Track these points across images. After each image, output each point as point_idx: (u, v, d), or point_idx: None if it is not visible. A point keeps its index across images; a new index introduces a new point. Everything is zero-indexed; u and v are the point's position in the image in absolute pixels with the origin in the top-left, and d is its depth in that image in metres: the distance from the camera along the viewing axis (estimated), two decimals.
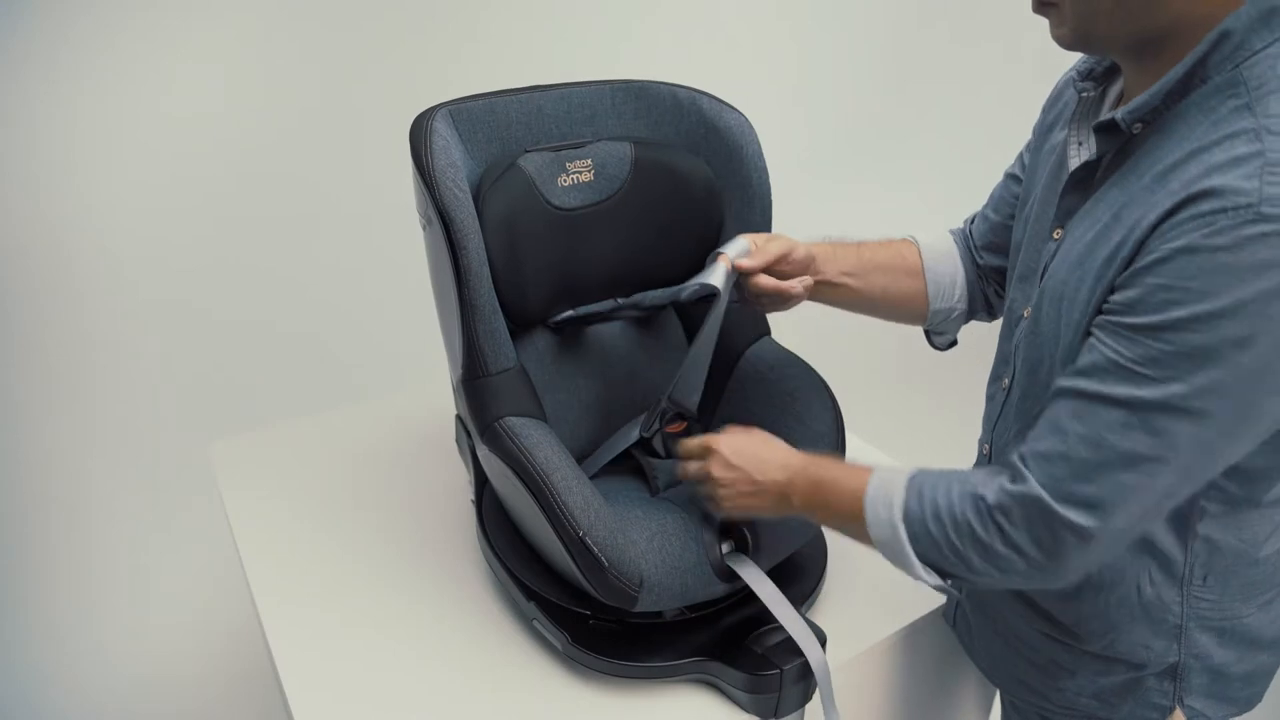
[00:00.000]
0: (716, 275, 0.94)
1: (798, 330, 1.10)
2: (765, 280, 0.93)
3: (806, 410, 1.06)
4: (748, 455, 0.87)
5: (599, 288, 1.14)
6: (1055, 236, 0.78)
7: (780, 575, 0.98)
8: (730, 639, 0.95)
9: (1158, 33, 0.67)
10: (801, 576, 1.06)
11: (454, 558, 1.15)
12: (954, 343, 1.09)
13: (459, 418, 1.09)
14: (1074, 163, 0.76)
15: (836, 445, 1.04)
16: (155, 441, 2.23)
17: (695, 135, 1.09)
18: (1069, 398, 0.68)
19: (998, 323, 0.97)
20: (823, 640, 0.92)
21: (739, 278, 0.94)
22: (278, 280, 2.34)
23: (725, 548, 0.95)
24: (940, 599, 1.08)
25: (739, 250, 0.95)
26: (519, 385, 0.99)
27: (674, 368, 1.14)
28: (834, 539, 1.10)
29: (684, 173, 1.09)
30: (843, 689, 0.96)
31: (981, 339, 1.16)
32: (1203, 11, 0.64)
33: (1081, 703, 0.88)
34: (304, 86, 2.27)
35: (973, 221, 1.04)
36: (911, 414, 2.63)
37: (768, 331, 1.15)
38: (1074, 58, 0.82)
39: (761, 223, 1.10)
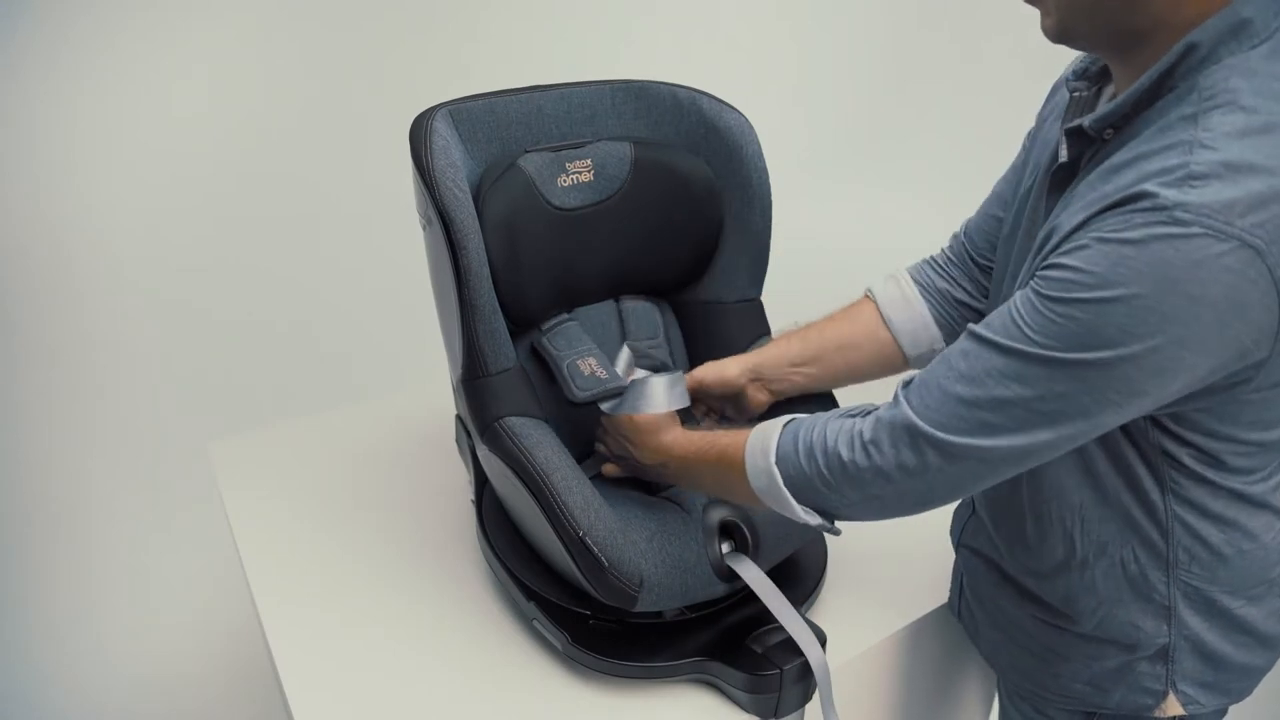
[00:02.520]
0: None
1: None
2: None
3: (805, 410, 1.06)
4: (638, 438, 0.97)
5: (599, 288, 1.14)
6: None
7: (780, 575, 0.98)
8: (730, 639, 0.95)
9: (1138, 33, 0.67)
10: (801, 576, 1.05)
11: (454, 558, 1.15)
12: None
13: (459, 418, 1.09)
14: (1058, 162, 0.77)
15: None
16: (155, 441, 2.23)
17: (695, 135, 1.09)
18: (968, 339, 0.70)
19: None
20: (823, 640, 0.92)
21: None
22: (277, 280, 2.34)
23: (725, 548, 0.95)
24: (940, 597, 1.08)
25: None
26: (519, 385, 0.99)
27: (673, 367, 1.14)
28: (834, 539, 1.10)
29: (684, 173, 1.09)
30: (843, 689, 0.96)
31: None
32: (1182, 16, 0.65)
33: (1076, 689, 0.89)
34: (304, 86, 2.27)
35: (965, 232, 1.02)
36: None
37: (768, 332, 1.15)
38: (1074, 56, 0.82)
39: (761, 223, 1.10)
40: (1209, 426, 0.72)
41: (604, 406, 1.02)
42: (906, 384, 0.74)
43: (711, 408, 1.09)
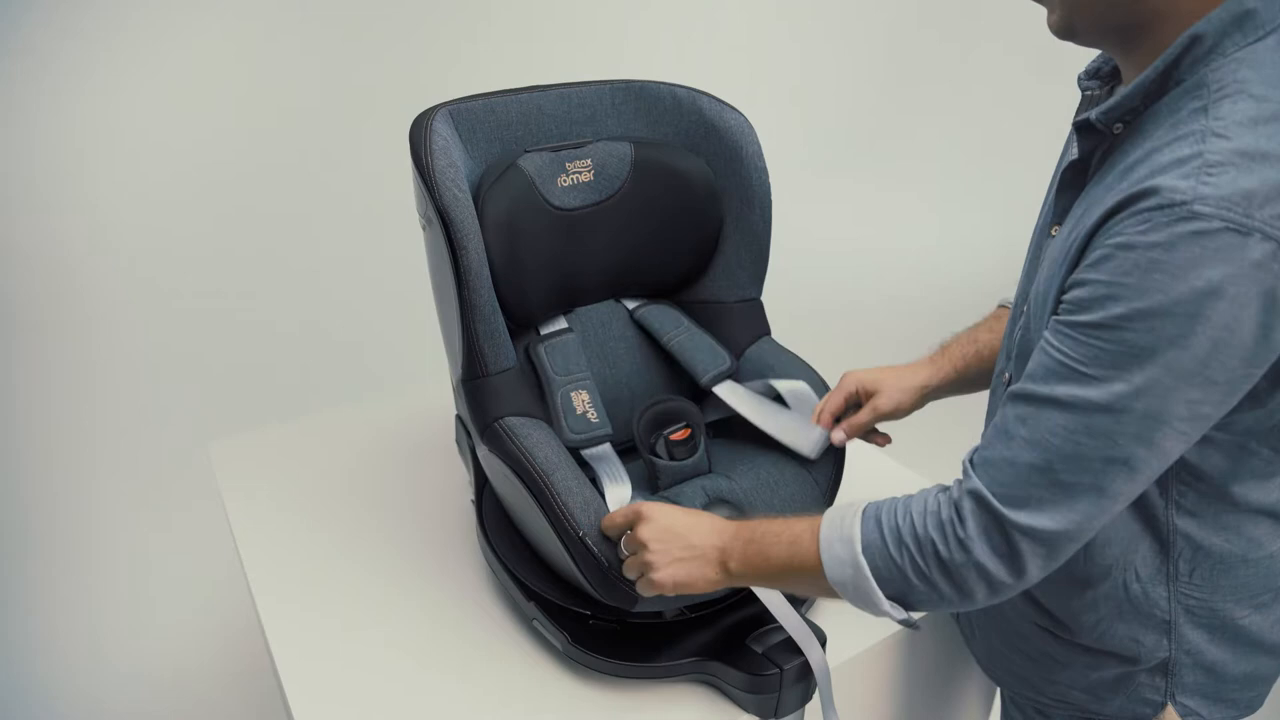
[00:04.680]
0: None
1: (798, 330, 1.10)
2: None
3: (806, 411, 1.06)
4: (679, 521, 0.84)
5: (599, 288, 1.14)
6: (1053, 234, 0.78)
7: None
8: (730, 639, 0.95)
9: (1140, 26, 0.67)
10: None
11: (454, 558, 1.15)
12: None
13: (459, 418, 1.09)
14: (1066, 161, 0.77)
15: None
16: (155, 441, 2.23)
17: (695, 135, 1.09)
18: (1017, 402, 0.68)
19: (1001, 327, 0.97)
20: (823, 640, 0.92)
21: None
22: (278, 281, 2.34)
23: None
24: None
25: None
26: (519, 385, 0.99)
27: (674, 367, 1.14)
28: None
29: (684, 173, 1.09)
30: (843, 689, 0.96)
31: None
32: (1183, 8, 0.64)
33: (1074, 695, 0.88)
34: (305, 86, 2.27)
35: None
36: (912, 414, 2.62)
37: (767, 331, 1.15)
38: (1074, 60, 0.82)
39: (761, 223, 1.10)
40: (1246, 425, 0.71)
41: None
42: (972, 460, 0.71)
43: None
